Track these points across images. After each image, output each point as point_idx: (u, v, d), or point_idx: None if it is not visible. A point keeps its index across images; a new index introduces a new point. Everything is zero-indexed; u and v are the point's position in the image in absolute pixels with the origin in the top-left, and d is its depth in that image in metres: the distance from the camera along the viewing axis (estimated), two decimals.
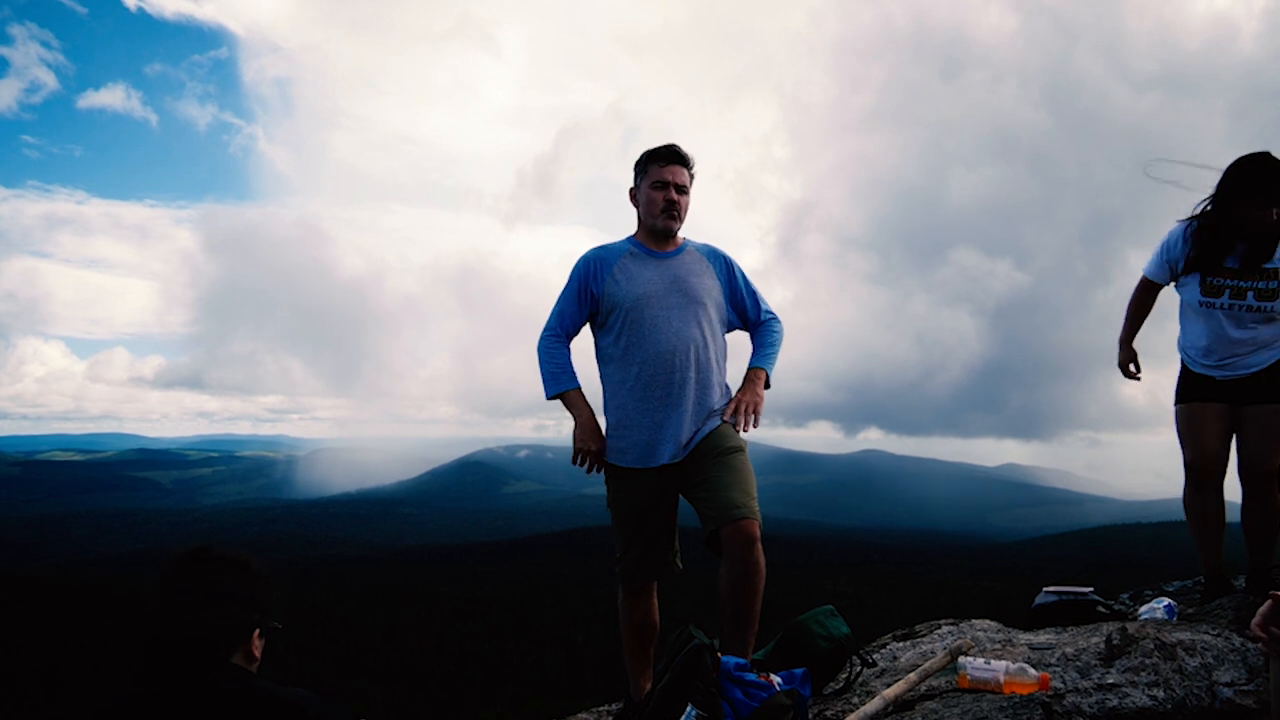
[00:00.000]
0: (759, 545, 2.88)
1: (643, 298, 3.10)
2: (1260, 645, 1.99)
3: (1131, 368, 3.88)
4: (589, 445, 3.13)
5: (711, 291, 3.20)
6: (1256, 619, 1.96)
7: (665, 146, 3.15)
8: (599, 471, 3.18)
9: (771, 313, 3.39)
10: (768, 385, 3.27)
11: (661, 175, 3.12)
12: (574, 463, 3.18)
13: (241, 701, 1.63)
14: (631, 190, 3.24)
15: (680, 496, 3.17)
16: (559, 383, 3.18)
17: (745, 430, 3.13)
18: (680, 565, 3.23)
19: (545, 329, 3.22)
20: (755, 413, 3.15)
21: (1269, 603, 1.96)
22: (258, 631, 1.77)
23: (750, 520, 2.88)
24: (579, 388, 3.20)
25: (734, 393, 3.23)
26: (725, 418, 3.13)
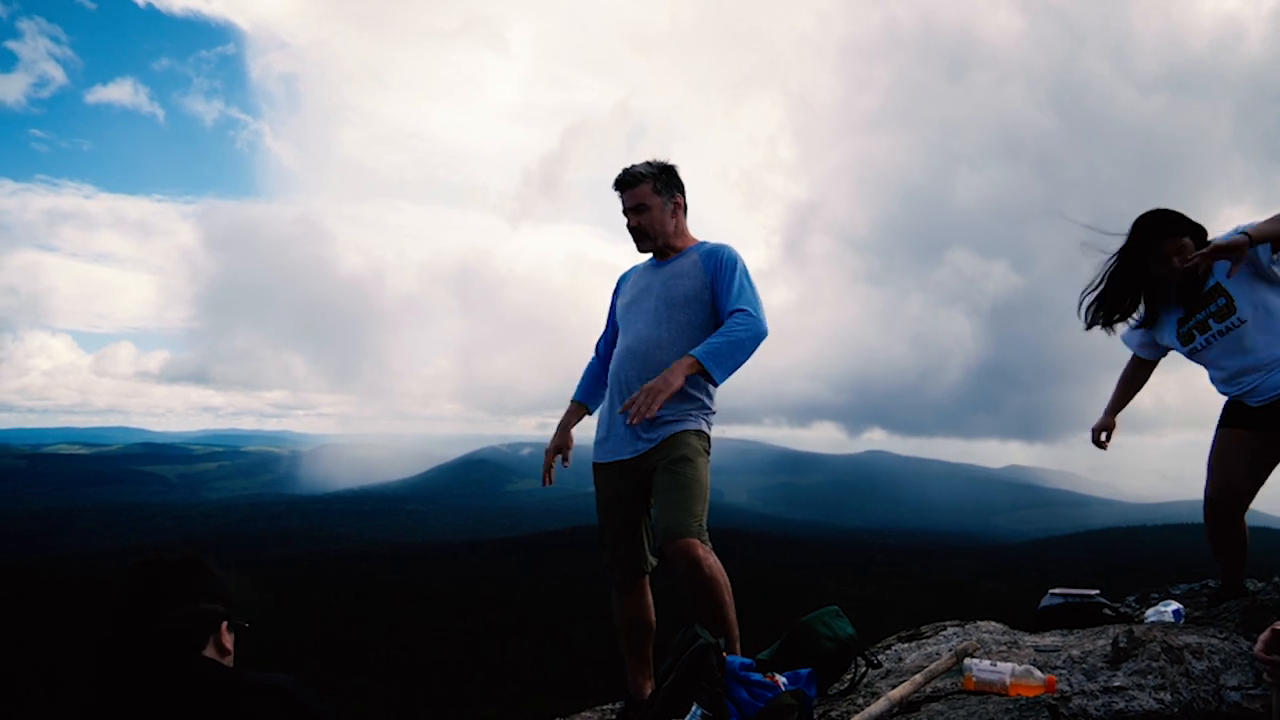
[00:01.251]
0: (703, 564, 2.83)
1: (624, 306, 3.32)
2: (1266, 673, 1.97)
3: (1102, 436, 3.77)
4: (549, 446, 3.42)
5: (691, 292, 3.15)
6: (1259, 645, 1.95)
7: (618, 175, 3.24)
8: (552, 479, 3.33)
9: (746, 307, 3.04)
10: (714, 381, 2.95)
11: (621, 204, 3.24)
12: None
13: (226, 691, 1.67)
14: None
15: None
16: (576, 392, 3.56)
17: (633, 423, 2.82)
18: (653, 562, 3.22)
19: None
20: (646, 407, 2.77)
21: (1269, 632, 1.94)
22: (225, 624, 1.81)
23: (686, 540, 2.83)
24: (576, 400, 3.52)
25: (713, 394, 3.17)
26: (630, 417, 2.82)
